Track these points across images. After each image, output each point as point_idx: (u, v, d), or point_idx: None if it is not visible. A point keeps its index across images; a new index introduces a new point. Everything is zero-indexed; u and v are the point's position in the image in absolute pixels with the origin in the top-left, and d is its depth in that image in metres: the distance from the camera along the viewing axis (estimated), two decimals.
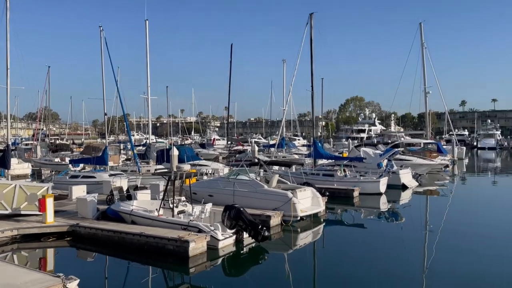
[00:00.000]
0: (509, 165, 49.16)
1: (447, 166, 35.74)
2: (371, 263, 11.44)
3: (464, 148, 54.87)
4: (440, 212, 19.44)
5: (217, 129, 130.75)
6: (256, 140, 67.41)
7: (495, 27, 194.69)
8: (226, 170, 24.37)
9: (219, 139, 75.53)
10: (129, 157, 34.06)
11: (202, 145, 55.98)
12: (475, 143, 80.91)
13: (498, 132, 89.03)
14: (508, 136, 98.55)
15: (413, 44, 46.40)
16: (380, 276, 10.28)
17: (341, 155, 31.54)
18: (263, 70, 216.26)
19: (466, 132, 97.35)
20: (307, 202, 16.70)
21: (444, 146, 43.17)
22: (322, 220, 16.72)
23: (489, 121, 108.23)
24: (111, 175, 22.32)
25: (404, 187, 24.51)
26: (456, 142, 48.65)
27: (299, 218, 15.55)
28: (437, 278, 10.14)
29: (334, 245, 14.00)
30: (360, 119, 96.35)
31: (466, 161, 49.86)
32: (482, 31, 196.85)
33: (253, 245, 12.63)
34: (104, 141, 36.79)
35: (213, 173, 24.38)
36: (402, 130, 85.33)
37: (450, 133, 57.06)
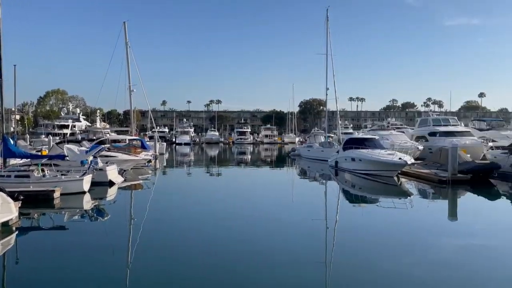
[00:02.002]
0: (200, 158, 57.99)
1: (150, 161, 38.35)
2: (67, 266, 10.79)
3: (165, 144, 60.83)
4: (143, 203, 20.81)
5: None
6: None
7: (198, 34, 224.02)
8: None
9: None
10: None
11: None
12: (174, 139, 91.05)
13: (192, 130, 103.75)
14: (199, 133, 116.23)
15: (118, 42, 47.26)
16: (83, 279, 9.84)
17: (39, 153, 28.28)
18: None
19: (167, 129, 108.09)
20: None
21: (148, 142, 46.14)
22: (14, 228, 14.43)
23: (185, 120, 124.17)
24: None
25: (111, 183, 24.56)
26: (158, 139, 53.02)
27: None
28: (141, 272, 10.69)
29: (29, 254, 12.30)
30: (63, 114, 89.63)
31: (166, 155, 55.37)
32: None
33: None
34: None
35: None
36: (108, 126, 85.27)
37: (153, 130, 61.50)
